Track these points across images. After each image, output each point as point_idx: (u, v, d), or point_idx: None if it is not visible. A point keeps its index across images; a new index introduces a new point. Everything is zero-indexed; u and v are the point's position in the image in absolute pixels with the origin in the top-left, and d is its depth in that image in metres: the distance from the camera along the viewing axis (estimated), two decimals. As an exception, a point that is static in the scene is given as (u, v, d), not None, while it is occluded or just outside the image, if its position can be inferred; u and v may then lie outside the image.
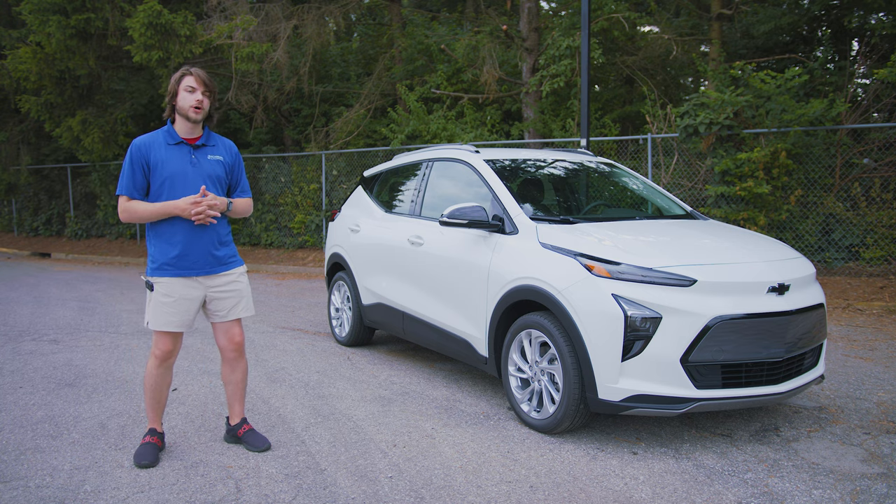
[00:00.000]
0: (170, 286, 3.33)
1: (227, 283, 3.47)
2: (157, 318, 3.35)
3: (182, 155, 3.33)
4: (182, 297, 3.35)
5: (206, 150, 3.40)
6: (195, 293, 3.39)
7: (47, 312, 7.82)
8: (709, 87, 11.06)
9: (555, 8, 15.53)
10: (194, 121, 3.32)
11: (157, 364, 3.43)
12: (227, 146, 3.51)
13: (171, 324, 3.35)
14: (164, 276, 3.33)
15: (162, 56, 10.85)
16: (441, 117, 12.08)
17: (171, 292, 3.33)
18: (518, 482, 3.17)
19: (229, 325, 3.52)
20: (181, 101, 3.29)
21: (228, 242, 3.51)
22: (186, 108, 3.29)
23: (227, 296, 3.47)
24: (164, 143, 3.32)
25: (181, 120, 3.34)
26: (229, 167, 3.48)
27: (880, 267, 8.28)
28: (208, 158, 3.39)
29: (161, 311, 3.34)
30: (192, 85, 3.29)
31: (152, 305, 3.36)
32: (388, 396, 4.50)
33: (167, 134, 3.35)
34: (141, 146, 3.29)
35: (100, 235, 16.70)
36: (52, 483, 3.16)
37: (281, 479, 3.20)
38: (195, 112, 3.30)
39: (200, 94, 3.30)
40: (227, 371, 3.60)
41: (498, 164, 4.71)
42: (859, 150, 8.62)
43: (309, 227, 13.18)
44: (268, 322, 7.18)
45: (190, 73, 3.31)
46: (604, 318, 3.41)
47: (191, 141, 3.37)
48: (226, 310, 3.48)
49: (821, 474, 3.25)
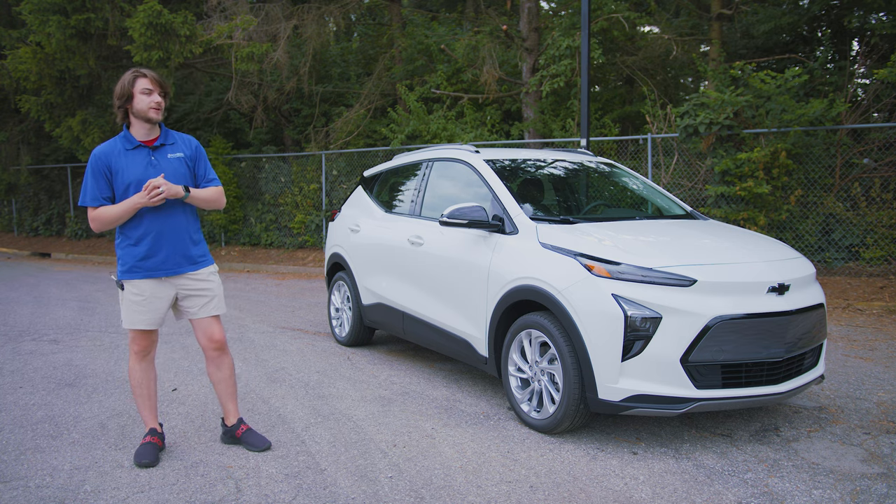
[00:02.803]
0: (140, 286, 3.36)
1: (197, 281, 3.47)
2: (129, 316, 3.39)
3: (141, 158, 3.31)
4: (153, 295, 3.38)
5: (165, 150, 3.39)
6: (165, 292, 3.41)
7: (47, 312, 7.82)
8: (709, 87, 11.06)
9: (555, 8, 15.53)
10: (155, 121, 3.31)
11: (139, 360, 3.48)
12: (185, 141, 3.50)
13: (142, 322, 3.39)
14: (134, 277, 3.35)
15: (162, 56, 10.85)
16: (441, 117, 12.08)
17: (142, 292, 3.37)
18: (518, 482, 3.18)
19: (207, 323, 3.52)
20: (138, 103, 3.26)
21: (199, 241, 3.51)
22: (145, 109, 3.27)
23: (198, 294, 3.48)
24: (122, 149, 3.30)
25: (138, 123, 3.32)
26: (191, 161, 3.47)
27: (880, 267, 8.28)
28: (168, 157, 3.38)
29: (133, 309, 3.37)
30: (148, 87, 3.27)
31: (124, 305, 3.40)
32: (388, 396, 4.50)
33: (124, 139, 3.33)
34: (100, 155, 3.28)
35: (100, 236, 16.69)
36: (52, 483, 3.16)
37: (281, 479, 3.20)
38: (155, 112, 3.29)
39: (157, 95, 3.29)
40: (213, 369, 3.61)
41: (498, 164, 4.71)
42: (859, 150, 8.62)
43: (309, 227, 13.18)
44: (268, 322, 7.18)
45: (143, 75, 3.29)
46: (604, 318, 3.41)
47: (149, 143, 3.35)
48: (197, 307, 3.49)
49: (821, 474, 3.25)
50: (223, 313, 3.63)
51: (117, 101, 3.29)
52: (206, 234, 14.52)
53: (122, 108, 3.30)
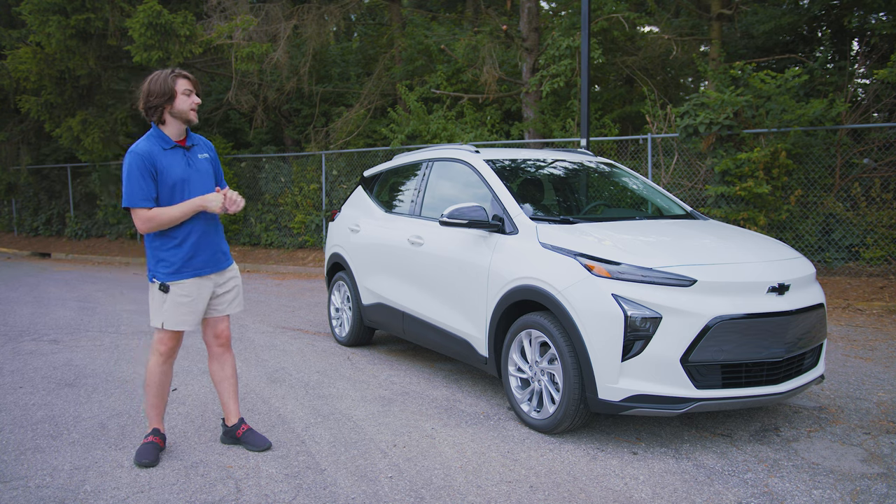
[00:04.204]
0: (188, 287, 3.36)
1: (229, 277, 3.56)
2: (174, 318, 3.36)
3: (179, 158, 3.32)
4: (199, 296, 3.40)
5: (195, 151, 3.42)
6: (207, 291, 3.45)
7: (47, 312, 7.82)
8: (709, 87, 11.06)
9: (555, 8, 15.54)
10: (194, 123, 3.33)
11: (162, 361, 3.46)
12: (206, 144, 3.54)
13: (186, 323, 3.38)
14: (183, 278, 3.34)
15: (162, 56, 10.85)
16: (441, 117, 12.08)
17: (189, 292, 3.36)
18: (518, 482, 3.18)
19: (219, 320, 3.56)
20: (180, 104, 3.26)
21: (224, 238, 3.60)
22: (186, 110, 3.28)
23: (229, 290, 3.56)
24: (160, 148, 3.28)
25: (175, 123, 3.31)
26: (214, 163, 3.53)
27: (880, 267, 8.28)
28: (199, 158, 3.41)
29: (179, 311, 3.35)
30: (190, 88, 3.30)
31: (168, 307, 3.34)
32: (388, 396, 4.50)
33: (159, 139, 3.29)
34: (146, 154, 3.22)
35: (100, 235, 16.70)
36: (52, 483, 3.16)
37: (281, 479, 3.20)
38: (195, 114, 3.32)
39: (196, 96, 3.32)
40: (216, 367, 3.61)
41: (498, 164, 4.71)
42: (859, 150, 8.62)
43: (309, 227, 13.18)
44: (268, 322, 7.18)
45: (184, 77, 3.29)
46: (604, 318, 3.41)
47: (182, 143, 3.37)
48: (226, 303, 3.56)
49: (821, 474, 3.25)
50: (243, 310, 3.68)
51: (155, 99, 3.22)
52: (206, 234, 14.52)
53: (160, 108, 3.25)
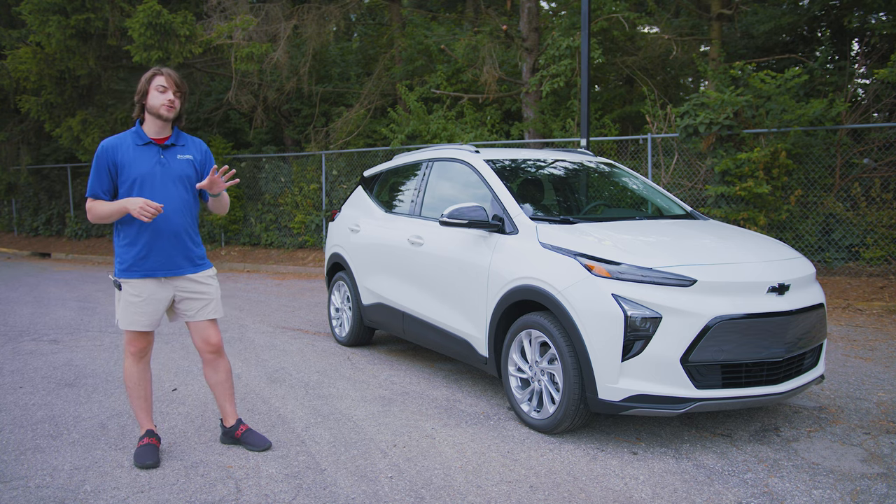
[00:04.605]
0: (138, 286, 3.34)
1: (196, 284, 3.45)
2: (126, 317, 3.36)
3: (150, 156, 3.31)
4: (150, 296, 3.35)
5: (175, 150, 3.39)
6: (164, 293, 3.39)
7: (47, 312, 7.82)
8: (709, 87, 11.06)
9: (555, 8, 15.54)
10: (166, 119, 3.31)
11: (135, 362, 3.45)
12: (196, 145, 3.50)
13: (138, 323, 3.35)
14: (132, 277, 3.33)
15: (162, 56, 10.84)
16: (441, 117, 12.07)
17: (140, 292, 3.34)
18: (518, 482, 3.17)
19: (204, 326, 3.49)
20: (152, 99, 3.28)
21: (199, 243, 3.49)
22: (157, 106, 3.28)
23: (196, 296, 3.45)
24: (132, 143, 3.30)
25: (151, 119, 3.33)
26: (200, 165, 3.47)
27: (880, 267, 8.28)
28: (178, 158, 3.38)
29: (130, 310, 3.34)
30: (164, 84, 3.29)
31: (121, 305, 3.37)
32: (388, 396, 4.50)
33: (135, 135, 3.33)
34: (108, 148, 3.27)
35: (100, 235, 16.69)
36: (52, 483, 3.16)
37: (281, 479, 3.20)
38: (167, 110, 3.29)
39: (172, 94, 3.30)
40: (210, 372, 3.59)
41: (498, 164, 4.71)
42: (859, 150, 8.62)
43: (309, 227, 13.18)
44: (268, 322, 7.18)
45: (161, 73, 3.30)
46: (604, 318, 3.41)
47: (159, 141, 3.36)
48: (194, 310, 3.47)
49: (821, 474, 3.25)
50: (220, 317, 3.62)
51: (136, 96, 3.33)
52: (206, 235, 14.53)
53: (140, 105, 3.32)
